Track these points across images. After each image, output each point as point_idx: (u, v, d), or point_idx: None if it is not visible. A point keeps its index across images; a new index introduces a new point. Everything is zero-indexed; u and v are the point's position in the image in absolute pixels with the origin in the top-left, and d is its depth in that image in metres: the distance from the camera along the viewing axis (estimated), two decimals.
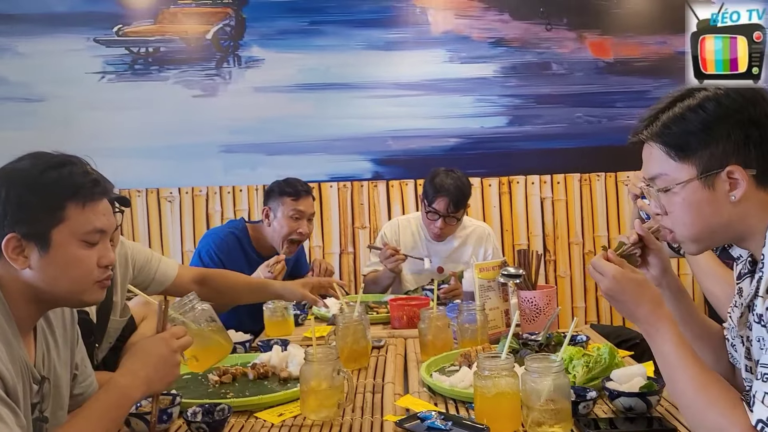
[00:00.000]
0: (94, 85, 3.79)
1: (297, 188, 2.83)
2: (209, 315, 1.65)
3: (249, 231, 2.88)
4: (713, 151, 1.14)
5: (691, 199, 1.17)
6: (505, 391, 1.34)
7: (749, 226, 1.16)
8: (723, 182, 1.14)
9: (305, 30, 3.80)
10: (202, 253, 2.78)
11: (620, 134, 3.78)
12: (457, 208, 2.92)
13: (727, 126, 1.14)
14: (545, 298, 2.12)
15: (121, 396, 1.25)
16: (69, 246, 1.22)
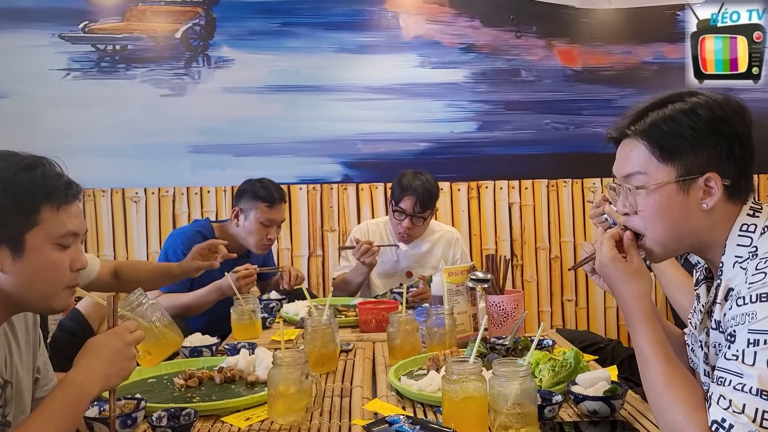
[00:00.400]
0: (59, 83, 3.72)
1: (273, 195, 2.79)
2: (158, 309, 1.66)
3: (215, 230, 2.85)
4: (697, 158, 1.16)
5: (664, 201, 1.18)
6: (473, 395, 1.35)
7: (713, 237, 1.19)
8: (698, 189, 1.17)
9: (276, 31, 3.78)
10: (169, 253, 2.74)
11: (587, 141, 3.86)
12: (423, 208, 2.92)
13: (715, 136, 1.16)
14: (513, 303, 2.14)
15: (78, 393, 1.22)
16: (43, 250, 1.20)
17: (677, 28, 3.89)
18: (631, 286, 1.22)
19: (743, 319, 1.06)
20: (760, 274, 1.08)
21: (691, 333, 1.36)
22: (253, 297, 2.43)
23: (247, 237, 2.79)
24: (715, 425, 1.03)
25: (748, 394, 1.01)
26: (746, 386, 1.01)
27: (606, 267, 1.24)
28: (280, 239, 3.80)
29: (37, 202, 1.19)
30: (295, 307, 2.58)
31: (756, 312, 1.04)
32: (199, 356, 1.98)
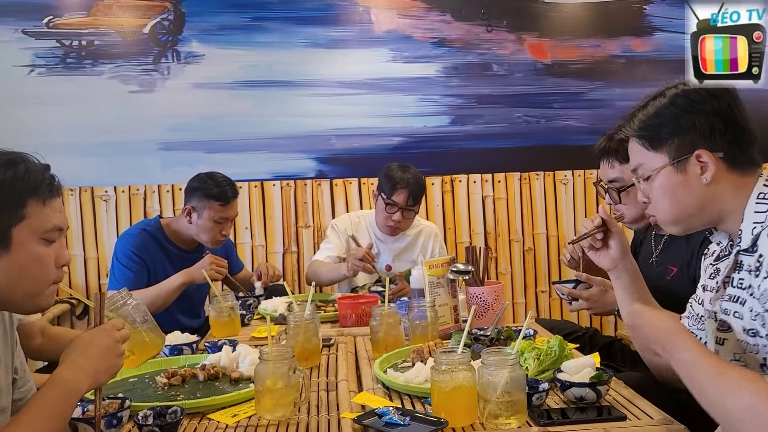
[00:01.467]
0: (23, 79, 3.62)
1: (226, 194, 2.70)
2: (142, 311, 1.64)
3: (164, 226, 2.80)
4: (682, 140, 1.29)
5: (666, 183, 1.32)
6: (462, 384, 1.36)
7: (724, 208, 1.29)
8: (694, 166, 1.28)
9: (247, 26, 3.74)
10: (120, 256, 2.69)
11: (558, 134, 3.90)
12: (415, 201, 2.95)
13: (692, 117, 1.29)
14: (493, 294, 2.15)
15: (66, 390, 1.19)
16: (30, 244, 1.20)
17: (644, 22, 3.96)
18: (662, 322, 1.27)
19: None
20: None
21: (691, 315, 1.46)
22: (232, 294, 2.41)
23: (200, 234, 2.74)
24: None
25: None
26: None
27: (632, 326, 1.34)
28: (254, 236, 3.77)
29: (24, 196, 1.19)
30: (273, 304, 2.56)
31: None
32: (180, 354, 1.96)
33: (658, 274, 2.05)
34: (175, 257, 2.74)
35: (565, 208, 3.93)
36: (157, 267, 2.70)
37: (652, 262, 2.10)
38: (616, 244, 1.58)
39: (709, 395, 1.14)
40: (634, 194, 2.02)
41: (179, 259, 2.73)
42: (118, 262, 2.70)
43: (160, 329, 1.70)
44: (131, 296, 1.63)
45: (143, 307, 1.65)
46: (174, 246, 2.78)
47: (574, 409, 1.43)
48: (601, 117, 3.87)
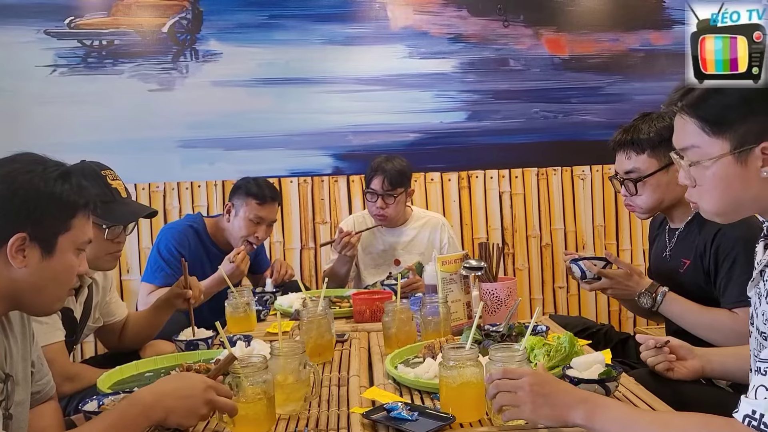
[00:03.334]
0: (45, 79, 3.69)
1: (264, 193, 2.80)
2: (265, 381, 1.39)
3: (207, 225, 2.86)
4: (750, 127, 1.13)
5: (721, 173, 1.16)
6: (470, 380, 1.37)
7: None
8: (756, 158, 1.13)
9: (264, 24, 3.77)
10: (161, 248, 2.75)
11: (575, 129, 3.88)
12: (393, 186, 2.95)
13: (766, 101, 1.13)
14: (506, 290, 2.16)
15: (141, 413, 1.24)
16: (67, 253, 1.28)
17: (663, 15, 3.92)
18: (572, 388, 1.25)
19: None
20: None
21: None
22: (248, 290, 2.44)
23: (233, 232, 2.80)
24: (747, 419, 1.01)
25: None
26: None
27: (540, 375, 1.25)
28: (272, 232, 3.80)
29: (75, 209, 1.28)
30: (289, 300, 2.58)
31: None
32: (195, 350, 1.98)
33: (671, 268, 2.04)
34: (214, 257, 2.79)
35: (582, 203, 3.90)
36: (195, 264, 2.72)
37: (665, 256, 2.09)
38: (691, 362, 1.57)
39: None
40: (650, 184, 2.02)
41: (218, 259, 2.76)
42: (158, 254, 2.75)
43: (274, 408, 1.42)
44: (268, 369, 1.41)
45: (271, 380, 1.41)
46: (214, 246, 2.84)
47: None
48: (619, 111, 3.83)
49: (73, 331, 1.97)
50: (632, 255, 3.92)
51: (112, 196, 1.97)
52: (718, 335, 1.80)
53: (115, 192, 2.00)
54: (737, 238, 1.84)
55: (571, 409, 1.18)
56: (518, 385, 1.22)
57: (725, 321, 1.80)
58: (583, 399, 1.20)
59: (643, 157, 2.02)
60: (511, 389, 1.23)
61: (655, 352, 1.61)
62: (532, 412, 1.21)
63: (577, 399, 1.19)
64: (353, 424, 1.38)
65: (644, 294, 1.96)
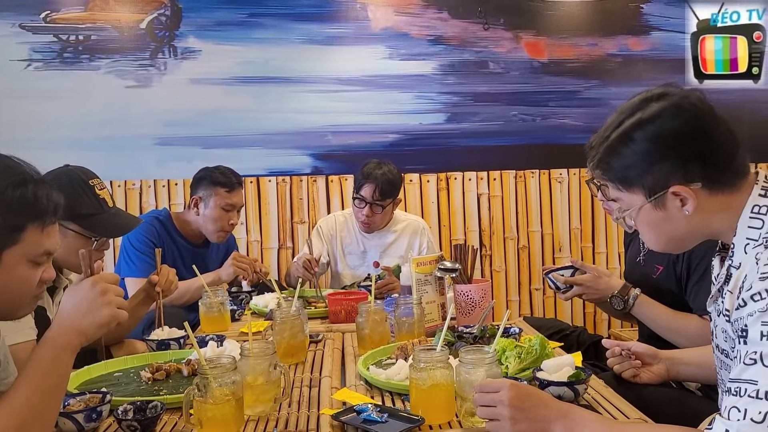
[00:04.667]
0: (20, 74, 3.63)
1: (231, 180, 2.81)
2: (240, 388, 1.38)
3: (173, 218, 2.85)
4: (652, 177, 1.18)
5: (647, 220, 1.23)
6: (440, 382, 1.37)
7: (716, 228, 1.21)
8: (672, 200, 1.18)
9: (244, 22, 3.75)
10: (133, 241, 2.72)
11: (554, 132, 3.90)
12: (382, 197, 2.94)
13: (659, 153, 1.17)
14: (480, 292, 2.16)
15: (53, 346, 1.20)
16: (17, 267, 1.21)
17: (641, 21, 3.96)
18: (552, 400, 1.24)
19: (757, 314, 1.04)
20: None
21: None
22: (222, 289, 2.42)
23: (207, 224, 2.79)
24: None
25: (763, 400, 0.98)
26: (760, 391, 0.99)
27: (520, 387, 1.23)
28: (250, 231, 3.78)
29: (25, 221, 1.20)
30: (264, 299, 2.57)
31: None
32: (167, 349, 1.97)
33: (644, 273, 2.06)
34: (184, 249, 2.78)
35: (560, 206, 3.93)
36: (167, 257, 2.71)
37: (639, 261, 2.11)
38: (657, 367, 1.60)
39: None
40: None
41: (188, 252, 2.75)
42: (133, 248, 2.71)
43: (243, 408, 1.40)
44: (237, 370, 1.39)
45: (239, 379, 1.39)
46: (183, 238, 2.82)
47: None
48: (597, 116, 3.87)
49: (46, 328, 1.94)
50: (608, 258, 3.96)
51: (100, 207, 1.96)
52: (686, 340, 1.83)
53: (103, 203, 1.98)
54: (709, 247, 1.85)
55: (551, 423, 1.17)
56: (497, 399, 1.20)
57: (695, 326, 1.83)
58: (562, 413, 1.19)
59: None
60: (490, 403, 1.22)
61: (620, 359, 1.62)
62: (511, 426, 1.19)
63: (556, 414, 1.18)
64: (323, 426, 1.37)
65: (616, 297, 1.98)
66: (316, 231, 3.15)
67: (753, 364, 1.01)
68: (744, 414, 0.99)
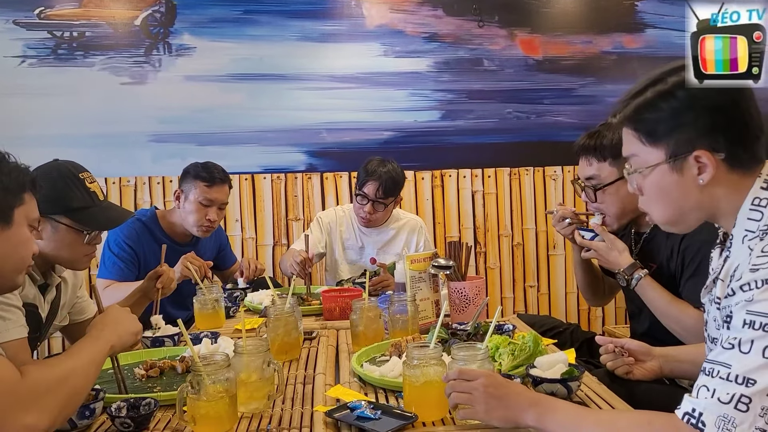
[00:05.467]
0: (14, 70, 3.62)
1: (213, 174, 2.77)
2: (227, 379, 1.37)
3: (159, 217, 2.82)
4: (681, 137, 1.18)
5: (660, 182, 1.22)
6: (433, 379, 1.37)
7: (719, 208, 1.21)
8: (691, 166, 1.18)
9: (239, 19, 3.74)
10: (111, 244, 2.71)
11: (548, 130, 3.91)
12: (385, 195, 2.94)
13: (694, 112, 1.17)
14: (474, 289, 2.17)
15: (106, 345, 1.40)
16: (23, 226, 1.37)
17: (636, 19, 3.97)
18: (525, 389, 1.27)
19: (743, 303, 1.06)
20: (764, 257, 1.07)
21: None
22: (217, 286, 2.42)
23: (186, 217, 2.77)
24: (687, 416, 1.04)
25: (732, 383, 1.01)
26: (731, 374, 1.02)
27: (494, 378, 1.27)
28: (245, 228, 3.78)
29: (23, 185, 1.38)
30: (259, 296, 2.57)
31: (754, 296, 1.04)
32: (161, 346, 1.97)
33: None
34: (168, 250, 2.74)
35: (554, 203, 3.94)
36: (149, 258, 2.70)
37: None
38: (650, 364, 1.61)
39: None
40: (609, 193, 2.04)
41: (173, 252, 2.72)
42: (109, 250, 2.71)
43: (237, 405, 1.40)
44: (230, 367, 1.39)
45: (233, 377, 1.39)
46: (168, 238, 2.79)
47: None
48: (591, 113, 3.88)
49: (38, 328, 1.94)
50: None
51: (91, 201, 1.95)
52: (681, 329, 1.83)
53: (93, 196, 1.97)
54: (703, 242, 1.86)
55: (523, 411, 1.22)
56: (473, 386, 1.25)
57: (692, 316, 1.82)
58: (534, 401, 1.23)
59: (604, 164, 2.03)
60: (466, 390, 1.26)
61: (613, 356, 1.63)
62: (485, 413, 1.24)
63: (528, 402, 1.23)
64: (316, 423, 1.38)
65: (621, 273, 1.98)
66: (317, 221, 3.14)
67: (730, 349, 1.04)
68: (712, 393, 1.02)
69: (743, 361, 1.02)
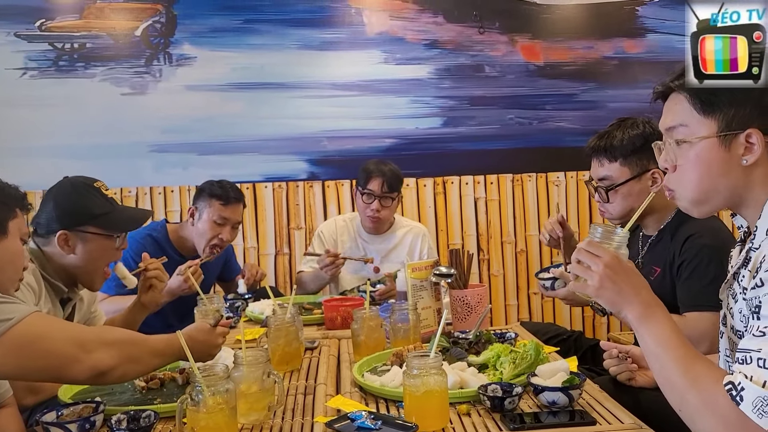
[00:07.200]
0: (15, 82, 3.63)
1: (228, 194, 2.77)
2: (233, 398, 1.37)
3: (169, 231, 2.82)
4: (738, 112, 1.15)
5: (705, 155, 1.18)
6: (434, 389, 1.36)
7: (751, 194, 1.19)
8: (739, 145, 1.15)
9: (239, 28, 3.75)
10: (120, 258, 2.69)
11: (550, 136, 3.90)
12: (391, 189, 2.96)
13: (758, 89, 1.15)
14: (476, 297, 2.16)
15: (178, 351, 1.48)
16: (17, 238, 1.45)
17: (636, 24, 3.96)
18: (643, 279, 1.25)
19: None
20: None
21: None
22: (218, 296, 2.41)
23: (198, 236, 2.76)
24: (730, 385, 1.05)
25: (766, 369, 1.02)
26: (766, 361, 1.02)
27: (620, 263, 1.23)
28: (247, 238, 3.78)
29: (16, 200, 1.49)
30: (261, 306, 2.56)
31: None
32: None
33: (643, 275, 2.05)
34: (176, 263, 2.73)
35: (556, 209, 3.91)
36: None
37: (638, 263, 2.11)
38: None
39: (671, 382, 1.14)
40: (622, 193, 2.04)
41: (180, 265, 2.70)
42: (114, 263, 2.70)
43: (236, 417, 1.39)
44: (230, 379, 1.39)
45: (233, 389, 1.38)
46: (177, 253, 2.78)
47: (546, 413, 1.43)
48: (593, 118, 3.87)
49: None
50: None
51: (111, 206, 2.00)
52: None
53: (112, 201, 2.02)
54: (703, 246, 1.86)
55: (630, 304, 1.20)
56: (595, 261, 1.23)
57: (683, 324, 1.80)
58: (644, 302, 1.21)
59: (615, 165, 2.05)
60: (588, 262, 1.24)
61: (617, 361, 1.62)
62: (595, 291, 1.23)
63: (639, 299, 1.20)
64: None
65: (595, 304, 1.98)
66: (318, 236, 3.13)
67: (761, 336, 1.04)
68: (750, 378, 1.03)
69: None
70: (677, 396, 1.13)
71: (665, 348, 1.16)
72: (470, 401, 1.49)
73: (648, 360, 1.21)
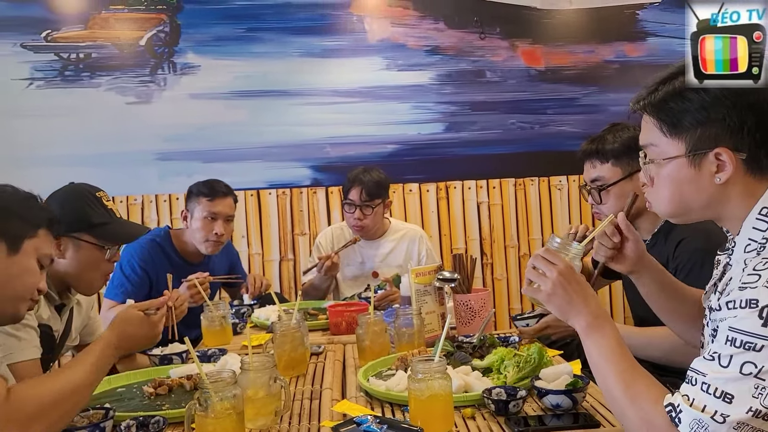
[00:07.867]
0: (22, 92, 3.67)
1: (214, 188, 2.78)
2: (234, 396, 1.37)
3: (172, 237, 2.84)
4: (705, 132, 1.14)
5: (675, 175, 1.18)
6: (438, 393, 1.38)
7: (728, 211, 1.17)
8: (710, 163, 1.14)
9: (242, 37, 3.78)
10: (124, 266, 2.72)
11: (552, 140, 3.92)
12: (370, 197, 2.96)
13: (725, 108, 1.13)
14: (480, 301, 2.17)
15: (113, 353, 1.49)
16: (31, 258, 1.43)
17: (637, 28, 3.99)
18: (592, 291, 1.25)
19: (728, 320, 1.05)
20: (755, 275, 1.05)
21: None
22: (224, 303, 2.43)
23: (194, 234, 2.78)
24: (669, 407, 1.05)
25: (711, 396, 1.01)
26: (711, 387, 1.02)
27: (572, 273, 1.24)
28: (251, 244, 3.80)
29: (42, 221, 1.45)
30: (266, 312, 2.58)
31: (738, 314, 1.03)
32: (170, 364, 1.98)
33: None
34: (180, 268, 2.75)
35: (560, 213, 3.94)
36: (162, 279, 2.68)
37: None
38: (633, 249, 1.43)
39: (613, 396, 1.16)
40: (614, 192, 2.07)
41: (185, 271, 2.72)
42: (120, 271, 2.72)
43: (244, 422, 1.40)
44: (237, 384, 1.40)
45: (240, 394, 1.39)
46: (181, 258, 2.81)
47: (550, 416, 1.45)
48: (595, 122, 3.88)
49: (51, 349, 1.96)
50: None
51: (110, 217, 2.01)
52: (655, 351, 1.84)
53: (111, 213, 2.03)
54: (695, 250, 1.87)
55: (579, 314, 1.22)
56: (550, 269, 1.25)
57: (662, 335, 1.79)
58: (593, 313, 1.22)
59: (606, 165, 2.07)
60: (543, 268, 1.26)
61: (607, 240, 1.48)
62: (546, 297, 1.25)
63: (588, 309, 1.22)
64: None
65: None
66: (316, 247, 3.17)
67: (711, 361, 1.04)
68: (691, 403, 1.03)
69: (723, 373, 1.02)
70: (618, 409, 1.15)
71: (608, 361, 1.17)
72: (475, 405, 1.51)
73: (592, 370, 1.21)
